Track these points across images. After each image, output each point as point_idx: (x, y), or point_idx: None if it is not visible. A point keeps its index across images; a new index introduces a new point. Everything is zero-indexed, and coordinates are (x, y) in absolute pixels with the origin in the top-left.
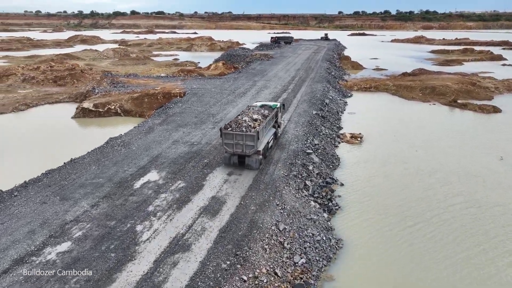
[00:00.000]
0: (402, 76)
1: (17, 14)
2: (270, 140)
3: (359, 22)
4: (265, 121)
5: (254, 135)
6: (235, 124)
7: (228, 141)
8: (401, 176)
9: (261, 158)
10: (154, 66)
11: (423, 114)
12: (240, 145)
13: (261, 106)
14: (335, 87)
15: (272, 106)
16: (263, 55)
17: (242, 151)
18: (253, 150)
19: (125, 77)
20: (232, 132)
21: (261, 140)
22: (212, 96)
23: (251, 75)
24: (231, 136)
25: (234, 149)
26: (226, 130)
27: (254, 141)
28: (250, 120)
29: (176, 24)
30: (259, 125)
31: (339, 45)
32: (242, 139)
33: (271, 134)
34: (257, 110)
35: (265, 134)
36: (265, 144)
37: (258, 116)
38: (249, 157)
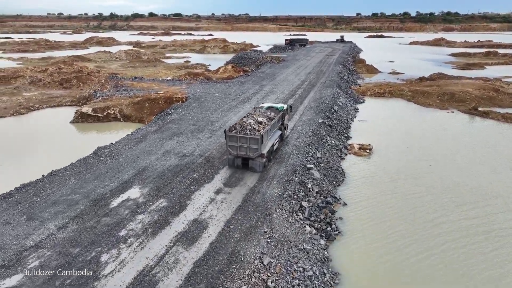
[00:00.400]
0: (419, 81)
1: (40, 16)
2: (276, 143)
3: (377, 24)
4: (270, 124)
5: (258, 138)
6: (239, 127)
7: (232, 143)
8: (411, 195)
9: (265, 161)
10: (164, 69)
11: (440, 123)
12: (244, 148)
13: (267, 107)
14: (346, 92)
15: (279, 108)
16: (275, 57)
17: (246, 154)
18: (257, 153)
19: (130, 81)
20: (236, 135)
21: (265, 143)
22: (215, 101)
23: (259, 79)
24: (235, 139)
25: (238, 152)
26: (230, 132)
27: (258, 144)
28: (255, 122)
29: (192, 26)
30: (263, 128)
31: (354, 47)
32: (246, 142)
33: (277, 136)
34: (263, 112)
35: (270, 137)
36: (269, 147)
37: (263, 119)
38: (253, 160)
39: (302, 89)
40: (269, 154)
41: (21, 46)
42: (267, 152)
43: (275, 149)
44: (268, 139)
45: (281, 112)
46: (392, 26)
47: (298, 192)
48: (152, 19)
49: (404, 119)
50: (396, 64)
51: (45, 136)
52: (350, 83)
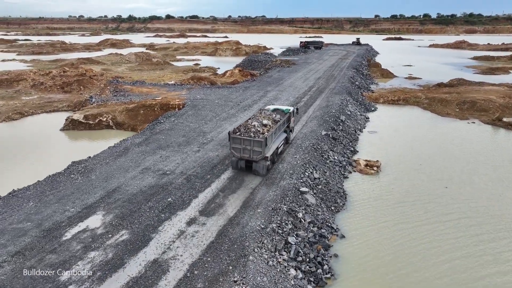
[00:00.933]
0: (437, 87)
1: (61, 19)
2: (280, 146)
3: (396, 26)
4: (275, 127)
5: (262, 141)
6: (244, 129)
7: (236, 145)
8: (419, 225)
9: (268, 164)
10: (171, 72)
11: (459, 135)
12: (248, 150)
13: (273, 110)
14: (356, 99)
15: (285, 111)
16: (285, 61)
17: (250, 157)
18: (260, 156)
19: (130, 85)
20: (240, 137)
21: (269, 146)
22: (213, 109)
23: (264, 84)
24: (239, 141)
25: (241, 154)
26: (234, 134)
27: (261, 147)
28: (260, 125)
29: (209, 28)
30: (268, 130)
31: (370, 50)
32: (249, 144)
33: (282, 139)
34: (268, 114)
35: (274, 140)
36: (274, 150)
37: (268, 122)
38: (257, 162)
39: (308, 95)
40: (273, 157)
41: (36, 48)
42: (271, 155)
43: (280, 152)
44: (272, 142)
45: (287, 115)
46: (412, 28)
47: (285, 224)
48: (169, 21)
49: (419, 131)
50: (413, 68)
51: (29, 146)
52: (362, 89)
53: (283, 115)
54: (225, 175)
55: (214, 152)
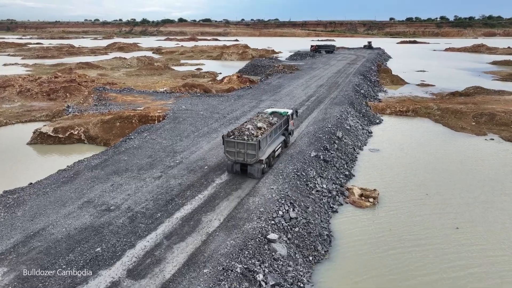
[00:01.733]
0: (451, 97)
1: (77, 23)
2: (278, 149)
3: (411, 29)
4: (270, 130)
5: (255, 144)
6: (238, 132)
7: (230, 149)
8: (417, 283)
9: (263, 167)
10: (169, 78)
11: (474, 156)
12: (242, 154)
13: (271, 113)
14: (359, 110)
15: (283, 113)
16: (288, 66)
17: (244, 160)
18: (254, 159)
19: (117, 93)
20: (234, 140)
21: (264, 149)
22: (194, 122)
23: (260, 92)
24: (233, 144)
25: (235, 157)
26: (228, 137)
27: (255, 150)
28: (254, 128)
29: (221, 31)
30: (262, 133)
31: (382, 54)
32: (243, 147)
33: (279, 142)
34: (265, 117)
35: (269, 143)
36: (270, 153)
37: (263, 125)
38: (251, 166)
39: (305, 106)
40: (269, 160)
41: (41, 52)
42: (266, 158)
43: (277, 155)
44: (267, 145)
45: (284, 118)
46: (428, 31)
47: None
48: (181, 24)
49: (427, 149)
50: (427, 74)
51: None
52: (368, 97)
53: (281, 118)
54: (179, 213)
55: (177, 179)
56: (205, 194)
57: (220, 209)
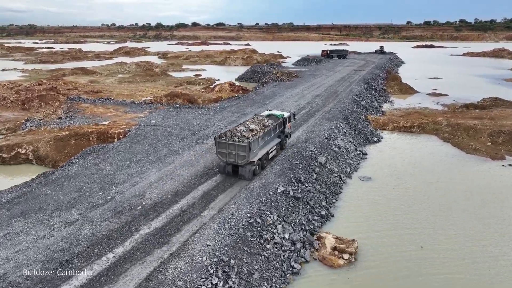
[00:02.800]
0: (464, 109)
1: (93, 27)
2: (272, 151)
3: (428, 33)
4: (262, 132)
5: (245, 145)
6: (230, 133)
7: (222, 150)
8: None
9: (255, 169)
10: (162, 85)
11: (488, 188)
12: (233, 155)
13: (268, 115)
14: (355, 127)
15: (279, 116)
16: (287, 73)
17: (235, 161)
18: (245, 160)
19: (91, 103)
20: (225, 141)
21: (255, 151)
22: (156, 141)
23: (248, 103)
24: (225, 145)
25: (227, 158)
26: (220, 139)
27: (246, 152)
28: (246, 130)
29: (234, 36)
30: (254, 135)
31: (394, 60)
32: (234, 148)
33: (273, 144)
34: (261, 119)
35: (262, 145)
36: (263, 155)
37: (256, 127)
38: (243, 167)
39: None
40: (262, 162)
41: (45, 57)
42: (258, 160)
43: (271, 157)
44: (259, 147)
45: (279, 120)
46: (446, 35)
47: None
48: (194, 28)
49: (430, 177)
50: (440, 82)
51: None
52: (370, 110)
53: (277, 120)
54: (66, 287)
55: (94, 226)
56: (117, 253)
57: (124, 280)
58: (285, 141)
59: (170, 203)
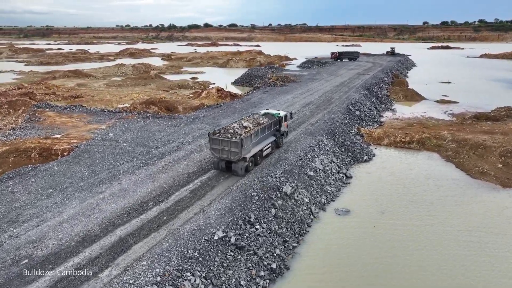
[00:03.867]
0: (474, 121)
1: (107, 28)
2: (266, 148)
3: (445, 33)
4: (255, 130)
5: (238, 142)
6: (223, 130)
7: (215, 146)
8: None
9: (247, 165)
10: (151, 89)
11: (493, 228)
12: (226, 151)
13: (264, 114)
14: (342, 142)
15: (274, 115)
16: (282, 77)
17: (227, 157)
18: (237, 156)
19: (57, 111)
20: (218, 138)
21: (247, 147)
22: (99, 162)
23: (227, 113)
24: (218, 142)
25: (220, 155)
26: (213, 135)
27: (238, 148)
28: (240, 127)
29: (245, 37)
30: (247, 132)
31: (404, 62)
32: (227, 145)
33: (268, 142)
34: (256, 118)
35: (255, 142)
36: (256, 152)
37: (250, 124)
38: (235, 163)
39: None
40: (255, 159)
41: (46, 58)
42: (251, 157)
43: (265, 155)
44: (251, 144)
45: (274, 119)
46: (464, 36)
47: None
48: (206, 29)
49: (423, 211)
50: (452, 87)
51: None
52: (366, 120)
53: (272, 119)
54: None
55: None
56: None
57: None
58: (281, 140)
59: (68, 254)
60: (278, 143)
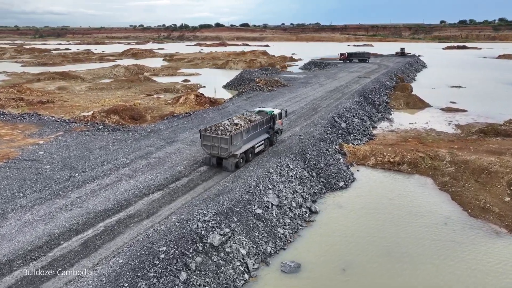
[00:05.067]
0: (480, 136)
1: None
2: (259, 145)
3: (463, 33)
4: (246, 127)
5: (227, 138)
6: (214, 127)
7: (206, 142)
8: None
9: (237, 161)
10: (135, 92)
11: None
12: (216, 147)
13: (258, 111)
14: (314, 165)
15: (268, 112)
16: (271, 82)
17: (218, 153)
18: (227, 153)
19: (2, 121)
20: (209, 134)
21: (237, 144)
22: (1, 191)
23: (192, 125)
24: (209, 138)
25: (211, 151)
26: (205, 132)
27: (228, 144)
28: (231, 124)
29: (256, 36)
30: (237, 129)
31: (414, 63)
32: (217, 141)
33: (261, 139)
34: (249, 115)
35: (246, 139)
36: (248, 148)
37: (241, 121)
38: (226, 159)
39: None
40: (247, 155)
41: (44, 59)
42: (243, 153)
43: (258, 152)
44: (242, 141)
45: (267, 116)
46: (483, 35)
47: None
48: (218, 29)
49: (399, 270)
50: (462, 92)
51: None
52: (354, 133)
53: (266, 116)
54: None
55: None
56: None
57: None
58: (275, 138)
59: None
60: (272, 141)
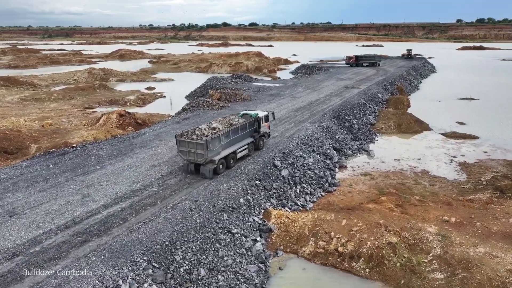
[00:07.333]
0: (493, 195)
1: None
2: (241, 150)
3: (481, 32)
4: (224, 131)
5: (203, 143)
6: (191, 132)
7: (183, 148)
8: None
9: (215, 168)
10: (74, 104)
11: None
12: (193, 153)
13: (242, 115)
14: (172, 275)
15: (252, 115)
16: (229, 95)
17: (194, 159)
18: (203, 158)
19: None
20: (184, 140)
21: (215, 149)
22: None
23: (65, 168)
24: (185, 144)
25: (187, 157)
26: (180, 137)
27: (204, 150)
28: (208, 128)
29: (264, 36)
30: (215, 133)
31: (420, 68)
32: (194, 147)
33: (243, 144)
34: (231, 118)
35: (225, 144)
36: (229, 154)
37: (219, 125)
38: (204, 165)
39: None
40: (227, 161)
41: (17, 61)
42: (222, 159)
43: (241, 157)
44: (220, 146)
45: (250, 119)
46: (502, 34)
47: None
48: (224, 29)
49: None
50: (474, 106)
51: None
52: (301, 185)
53: (249, 119)
54: None
55: None
56: None
57: None
58: (262, 142)
59: None
60: (258, 145)
